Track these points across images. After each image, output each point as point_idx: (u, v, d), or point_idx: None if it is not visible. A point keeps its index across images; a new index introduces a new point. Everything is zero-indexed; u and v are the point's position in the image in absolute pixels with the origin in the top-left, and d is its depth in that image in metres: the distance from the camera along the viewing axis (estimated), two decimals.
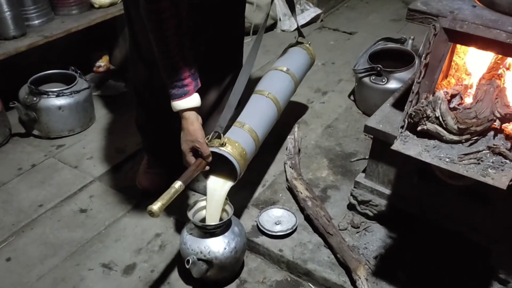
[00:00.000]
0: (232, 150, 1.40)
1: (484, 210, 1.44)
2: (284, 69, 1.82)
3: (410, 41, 2.43)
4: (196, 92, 1.39)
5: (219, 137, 1.42)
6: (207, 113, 1.73)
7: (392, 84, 2.16)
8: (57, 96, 2.15)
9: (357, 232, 1.67)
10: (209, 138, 1.42)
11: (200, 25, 1.54)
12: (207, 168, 1.41)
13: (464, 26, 1.24)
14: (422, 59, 1.27)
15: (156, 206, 1.23)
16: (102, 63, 2.77)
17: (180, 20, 1.29)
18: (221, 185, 1.47)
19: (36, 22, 2.29)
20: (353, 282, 1.47)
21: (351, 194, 1.71)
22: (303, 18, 3.32)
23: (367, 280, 1.44)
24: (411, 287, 1.48)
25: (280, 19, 3.33)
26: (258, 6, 3.09)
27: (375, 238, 1.65)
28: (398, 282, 1.49)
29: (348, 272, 1.50)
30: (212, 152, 1.39)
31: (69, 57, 2.57)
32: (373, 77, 2.21)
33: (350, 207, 1.75)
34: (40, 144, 2.20)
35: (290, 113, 2.20)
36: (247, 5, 1.84)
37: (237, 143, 1.43)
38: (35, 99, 2.13)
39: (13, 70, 2.30)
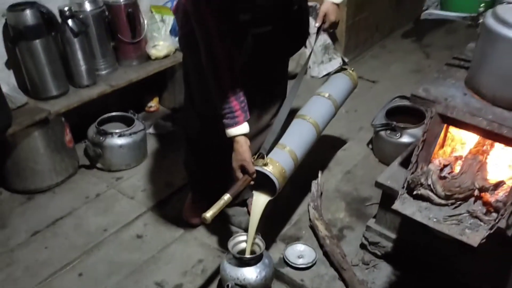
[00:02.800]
0: (273, 170, 1.65)
1: (471, 257, 1.73)
2: (326, 95, 2.03)
3: None
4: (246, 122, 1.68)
5: (262, 157, 1.68)
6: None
7: (405, 139, 2.48)
8: (119, 136, 2.56)
9: (367, 268, 1.98)
10: (255, 158, 1.72)
11: (252, 69, 1.80)
12: (252, 183, 1.71)
13: (454, 112, 1.56)
14: (420, 136, 1.60)
15: (208, 214, 1.52)
16: (153, 104, 3.19)
17: (232, 65, 1.61)
18: (262, 198, 1.75)
19: (104, 72, 2.70)
20: None
21: (363, 235, 2.03)
22: (331, 66, 3.64)
23: None
24: None
25: (309, 67, 3.70)
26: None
27: (382, 274, 1.95)
28: None
29: None
30: (257, 170, 1.66)
31: (126, 97, 2.97)
32: (389, 132, 2.53)
33: (362, 246, 2.06)
34: (102, 176, 2.60)
35: (316, 159, 2.50)
36: None
37: (277, 163, 1.68)
38: (101, 138, 2.54)
39: (79, 109, 2.71)
